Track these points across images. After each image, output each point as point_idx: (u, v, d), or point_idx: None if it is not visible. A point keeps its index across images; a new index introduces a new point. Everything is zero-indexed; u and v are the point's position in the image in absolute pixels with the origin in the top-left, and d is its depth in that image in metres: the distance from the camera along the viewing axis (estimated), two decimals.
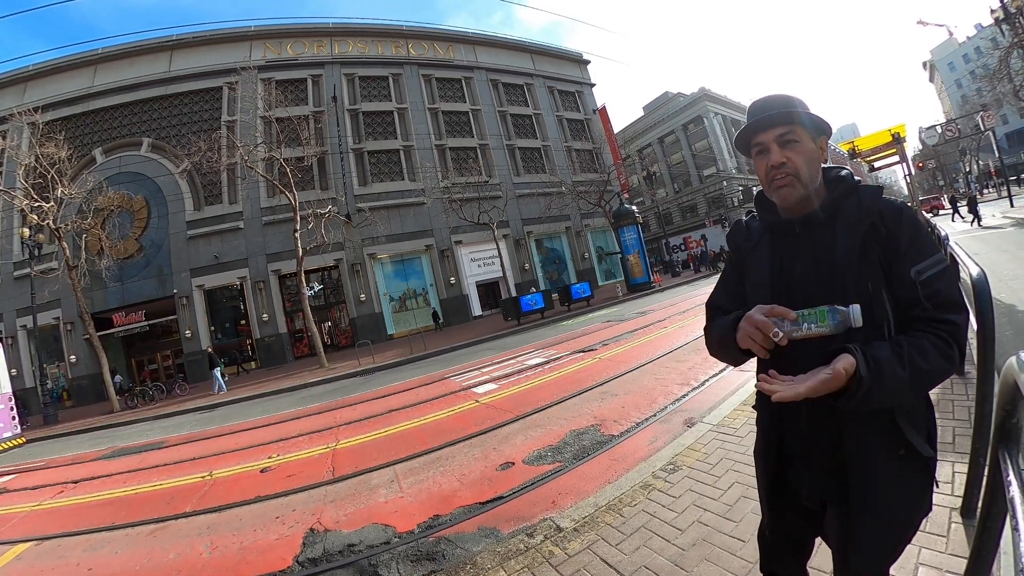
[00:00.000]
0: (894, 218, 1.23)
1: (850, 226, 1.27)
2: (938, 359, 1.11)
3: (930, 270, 1.17)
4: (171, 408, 15.76)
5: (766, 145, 1.31)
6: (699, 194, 55.30)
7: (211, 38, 29.66)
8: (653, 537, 2.91)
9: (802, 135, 1.29)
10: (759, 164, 1.34)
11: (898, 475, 1.23)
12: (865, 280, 1.20)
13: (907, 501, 1.25)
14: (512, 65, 38.24)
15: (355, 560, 3.56)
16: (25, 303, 21.84)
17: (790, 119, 1.29)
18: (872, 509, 1.23)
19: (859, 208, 1.27)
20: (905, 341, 1.14)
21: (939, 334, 1.13)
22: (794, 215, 1.36)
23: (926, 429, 1.26)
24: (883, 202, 1.26)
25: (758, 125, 1.32)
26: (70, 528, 5.33)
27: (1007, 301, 6.43)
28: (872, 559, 1.28)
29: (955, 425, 3.29)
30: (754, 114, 1.34)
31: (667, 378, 6.96)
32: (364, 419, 8.27)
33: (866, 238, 1.23)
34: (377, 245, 28.70)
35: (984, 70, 31.93)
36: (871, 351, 1.11)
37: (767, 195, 1.39)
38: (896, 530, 1.28)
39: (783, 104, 1.32)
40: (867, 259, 1.22)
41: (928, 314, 1.16)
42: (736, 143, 1.44)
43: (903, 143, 9.00)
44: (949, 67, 65.86)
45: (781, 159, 1.28)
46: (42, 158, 18.36)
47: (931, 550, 2.20)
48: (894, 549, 1.31)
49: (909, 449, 1.22)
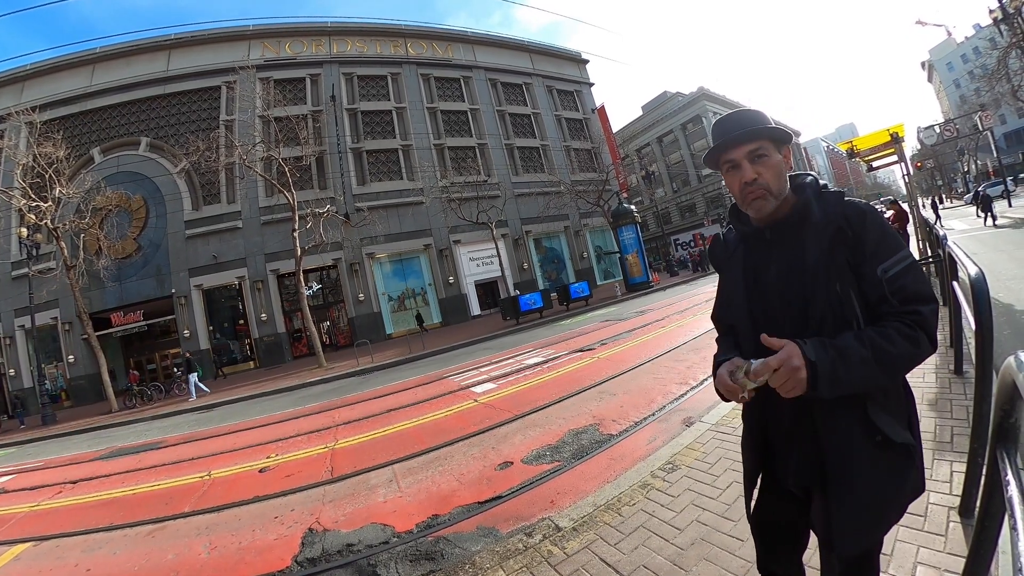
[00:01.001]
0: (859, 220, 1.27)
1: (817, 231, 1.32)
2: (903, 343, 1.17)
3: (895, 267, 1.23)
4: (169, 408, 15.75)
5: (737, 162, 1.37)
6: (698, 193, 55.43)
7: (209, 37, 29.62)
8: (652, 536, 2.91)
9: (769, 149, 1.36)
10: (731, 180, 1.40)
11: (875, 460, 1.26)
12: (834, 281, 1.26)
13: (885, 484, 1.28)
14: (511, 64, 38.22)
15: (354, 560, 3.55)
16: (23, 303, 21.82)
17: (758, 135, 1.35)
18: (849, 492, 1.27)
19: (824, 213, 1.33)
20: (869, 329, 1.21)
21: (904, 321, 1.19)
22: (764, 223, 1.43)
23: (905, 416, 1.31)
24: (847, 205, 1.32)
25: (729, 143, 1.37)
26: (68, 528, 5.32)
27: (1005, 301, 6.45)
28: (852, 540, 1.30)
29: (953, 424, 3.30)
30: (722, 133, 1.39)
31: (665, 377, 6.96)
32: (363, 419, 8.26)
33: (833, 240, 1.29)
34: (376, 245, 28.68)
35: (982, 70, 31.98)
36: (833, 340, 1.20)
37: (742, 208, 1.44)
38: (875, 511, 1.30)
39: (750, 121, 1.38)
40: (835, 261, 1.27)
41: (895, 308, 1.21)
42: (706, 160, 1.50)
43: (902, 143, 8.99)
44: (947, 67, 65.88)
45: (753, 175, 1.34)
46: (40, 157, 18.35)
47: (929, 549, 2.20)
48: (874, 530, 1.33)
49: (883, 436, 1.25)
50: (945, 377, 4.13)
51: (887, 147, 9.33)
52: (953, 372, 4.17)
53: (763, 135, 1.35)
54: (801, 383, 1.17)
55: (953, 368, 4.20)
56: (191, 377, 17.82)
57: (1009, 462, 1.09)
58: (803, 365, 1.16)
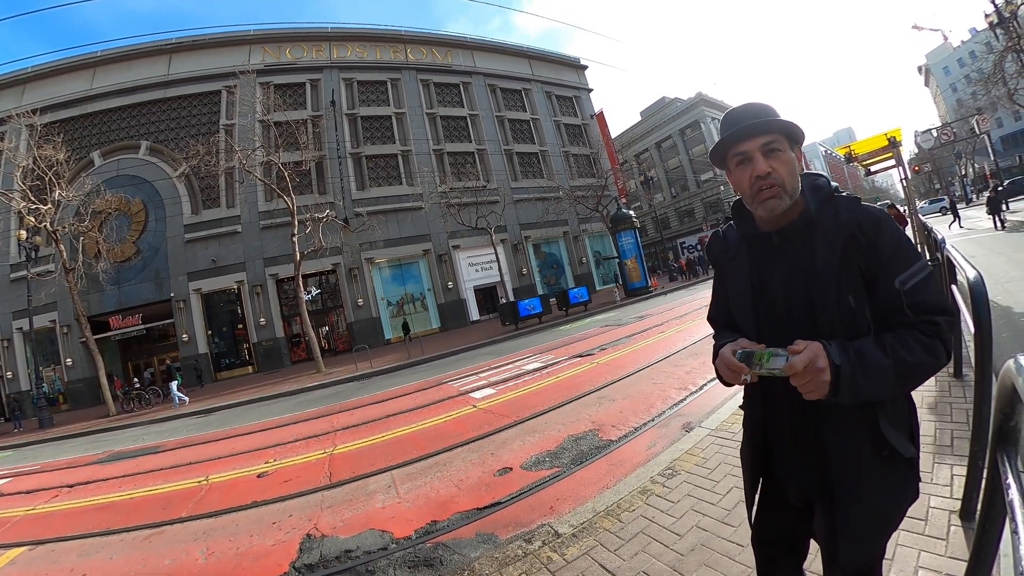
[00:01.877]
0: (873, 227, 1.21)
1: (829, 236, 1.25)
2: (922, 352, 1.13)
3: (913, 279, 1.18)
4: (167, 412, 15.70)
5: (749, 154, 1.27)
6: (696, 199, 55.51)
7: (210, 42, 29.68)
8: (652, 542, 2.90)
9: (784, 144, 1.27)
10: (741, 174, 1.30)
11: (882, 473, 1.24)
12: (845, 291, 1.20)
13: (892, 497, 1.27)
14: (510, 70, 38.36)
15: (352, 566, 3.54)
16: (21, 305, 21.79)
17: (773, 128, 1.27)
18: (858, 507, 1.24)
19: (836, 218, 1.26)
20: (889, 336, 1.16)
21: (922, 330, 1.15)
22: (773, 227, 1.34)
23: (908, 428, 1.28)
24: (861, 211, 1.25)
25: (741, 134, 1.28)
26: (65, 533, 5.29)
27: (1004, 304, 6.46)
28: (860, 554, 1.29)
29: (953, 428, 3.29)
30: (733, 123, 1.30)
31: (665, 383, 6.95)
32: (361, 424, 8.24)
33: (846, 248, 1.22)
34: (375, 250, 28.69)
35: (979, 74, 32.17)
36: (854, 345, 1.14)
37: (750, 207, 1.34)
38: (882, 524, 1.29)
39: (763, 112, 1.29)
40: (847, 269, 1.21)
41: (910, 319, 1.17)
42: (712, 154, 1.40)
43: (899, 147, 9.02)
44: (944, 71, 66.19)
45: (767, 168, 1.25)
46: (40, 160, 18.36)
47: (931, 553, 2.19)
48: (880, 541, 1.33)
49: (892, 450, 1.23)
50: (945, 380, 4.12)
51: (885, 151, 9.35)
52: (952, 375, 4.17)
53: (777, 128, 1.27)
54: (824, 385, 1.10)
55: (952, 371, 4.20)
56: (172, 386, 17.33)
57: (1010, 465, 1.09)
58: (828, 367, 1.10)
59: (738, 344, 1.27)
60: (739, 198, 1.41)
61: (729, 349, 1.26)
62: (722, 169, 1.42)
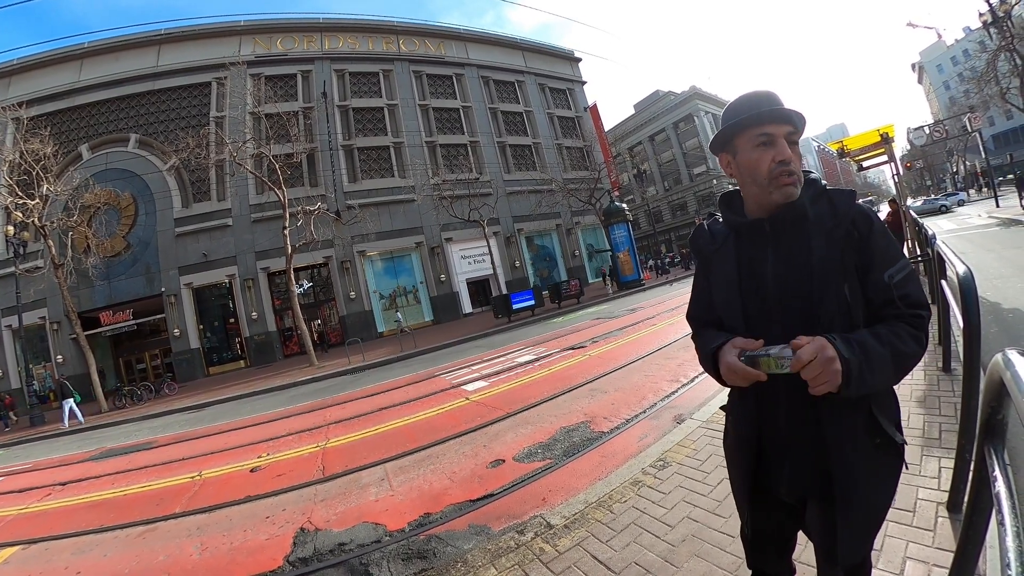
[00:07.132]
0: (866, 225, 1.25)
1: (825, 230, 1.27)
2: (911, 342, 1.18)
3: (900, 274, 1.23)
4: (160, 408, 15.63)
5: (775, 138, 1.26)
6: (689, 192, 55.68)
7: (200, 33, 29.22)
8: (643, 533, 2.92)
9: (798, 136, 1.31)
10: (761, 156, 1.28)
11: (875, 464, 1.27)
12: (843, 285, 1.23)
13: (886, 488, 1.31)
14: (503, 62, 38.11)
15: (346, 559, 3.54)
16: (10, 302, 21.47)
17: (794, 119, 1.28)
18: (856, 502, 1.26)
19: (833, 212, 1.28)
20: (883, 328, 1.20)
21: (909, 323, 1.20)
22: (764, 214, 1.34)
23: (894, 417, 1.31)
24: (856, 208, 1.27)
25: (773, 116, 1.27)
26: (58, 531, 5.26)
27: (992, 299, 6.53)
28: (857, 548, 1.31)
29: (941, 421, 3.33)
30: (754, 105, 1.29)
31: (657, 375, 6.99)
32: (354, 417, 8.23)
33: (844, 241, 1.25)
34: (367, 242, 28.56)
35: (972, 72, 32.28)
36: (855, 337, 1.17)
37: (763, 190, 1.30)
38: (876, 516, 1.32)
39: (780, 102, 1.30)
40: (845, 264, 1.24)
41: (900, 311, 1.21)
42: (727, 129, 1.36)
43: (892, 143, 9.05)
44: (937, 69, 66.53)
45: (791, 154, 1.26)
46: (27, 154, 18.05)
47: (918, 544, 2.22)
48: (874, 534, 1.35)
49: (884, 438, 1.25)
50: (933, 374, 4.17)
51: (877, 147, 9.39)
52: (941, 369, 4.21)
53: (797, 120, 1.28)
54: (836, 376, 1.10)
55: (941, 365, 4.25)
56: (65, 404, 16.07)
57: (996, 458, 1.10)
58: (837, 357, 1.10)
59: (734, 344, 1.27)
60: (729, 191, 1.41)
61: (731, 356, 1.25)
62: (721, 151, 1.41)
